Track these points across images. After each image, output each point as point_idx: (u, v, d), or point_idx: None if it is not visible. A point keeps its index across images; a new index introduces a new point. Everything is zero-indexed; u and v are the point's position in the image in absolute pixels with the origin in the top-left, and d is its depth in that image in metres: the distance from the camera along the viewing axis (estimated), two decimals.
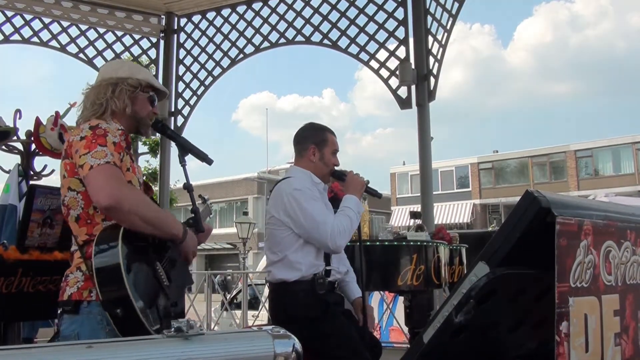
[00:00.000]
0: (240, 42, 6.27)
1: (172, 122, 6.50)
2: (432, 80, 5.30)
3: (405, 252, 3.64)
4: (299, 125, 2.90)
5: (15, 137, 4.38)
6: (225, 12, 6.38)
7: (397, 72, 5.40)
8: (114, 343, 1.07)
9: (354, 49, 5.70)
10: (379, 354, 2.71)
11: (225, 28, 6.36)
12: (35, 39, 6.16)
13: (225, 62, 6.37)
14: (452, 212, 30.51)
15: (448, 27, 5.27)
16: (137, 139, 8.96)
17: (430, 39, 5.38)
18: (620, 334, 1.49)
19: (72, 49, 6.30)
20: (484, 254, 1.36)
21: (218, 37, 6.40)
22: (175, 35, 6.64)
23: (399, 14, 5.51)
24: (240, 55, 6.29)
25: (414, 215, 4.56)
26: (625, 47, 54.62)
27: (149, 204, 1.87)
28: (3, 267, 2.71)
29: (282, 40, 6.09)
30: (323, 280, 2.60)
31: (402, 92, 5.43)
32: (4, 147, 4.42)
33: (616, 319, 1.47)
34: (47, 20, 6.19)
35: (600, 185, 25.05)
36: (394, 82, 5.48)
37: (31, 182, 4.11)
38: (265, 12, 6.16)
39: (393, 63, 5.53)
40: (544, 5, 61.28)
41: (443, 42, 5.29)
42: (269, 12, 6.14)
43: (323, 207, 2.64)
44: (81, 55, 6.32)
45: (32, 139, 4.26)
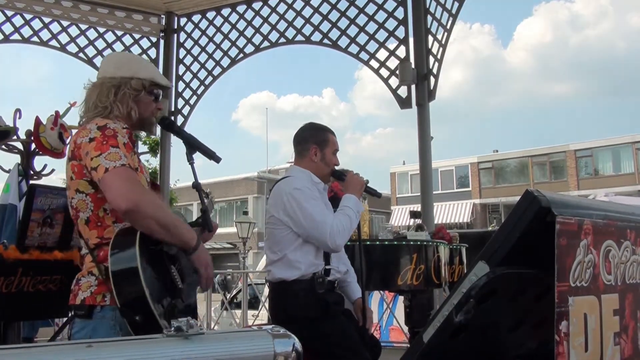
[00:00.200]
0: (240, 42, 6.26)
1: None
2: (432, 79, 5.29)
3: (405, 251, 3.65)
4: (298, 125, 2.90)
5: (15, 137, 4.39)
6: (225, 11, 6.38)
7: (397, 72, 5.39)
8: (114, 342, 1.06)
9: (354, 49, 5.69)
10: (379, 354, 2.71)
11: (225, 27, 6.36)
12: (35, 39, 6.15)
13: (225, 61, 6.36)
14: (452, 212, 30.50)
15: (448, 27, 5.27)
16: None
17: (430, 38, 5.38)
18: (619, 333, 1.49)
19: (72, 48, 6.30)
20: (484, 254, 1.36)
21: (218, 37, 6.40)
22: (175, 35, 6.63)
23: (399, 13, 5.50)
24: (240, 54, 6.28)
25: (414, 214, 4.57)
26: (625, 47, 54.59)
27: (165, 208, 1.83)
28: (3, 267, 2.72)
29: (282, 40, 6.09)
30: (322, 279, 2.60)
31: (402, 91, 5.42)
32: (4, 147, 4.43)
33: (616, 318, 1.47)
34: (47, 20, 6.19)
35: (600, 185, 25.02)
36: (394, 81, 5.48)
37: (31, 182, 4.11)
38: (265, 11, 6.16)
39: (393, 63, 5.53)
40: (543, 5, 61.27)
41: (443, 42, 5.29)
42: (269, 11, 6.14)
43: (322, 206, 2.64)
44: (81, 54, 6.31)
45: (32, 138, 4.27)
